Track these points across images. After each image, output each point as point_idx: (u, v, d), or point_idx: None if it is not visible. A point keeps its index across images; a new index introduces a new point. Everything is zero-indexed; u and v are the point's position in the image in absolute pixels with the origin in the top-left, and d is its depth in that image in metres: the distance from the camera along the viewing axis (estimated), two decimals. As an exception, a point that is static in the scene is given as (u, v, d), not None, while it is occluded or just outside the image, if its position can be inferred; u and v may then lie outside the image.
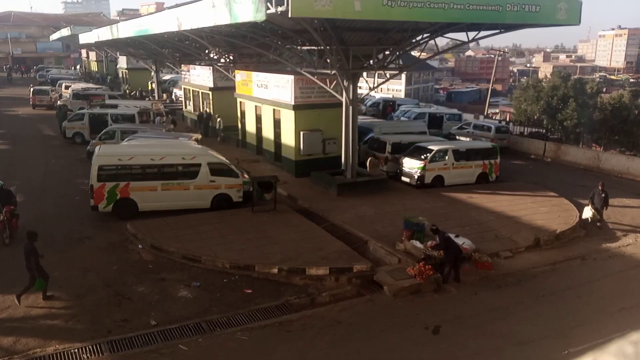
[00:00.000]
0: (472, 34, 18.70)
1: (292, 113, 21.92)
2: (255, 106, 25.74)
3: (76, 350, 10.00)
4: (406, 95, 69.73)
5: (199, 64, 34.24)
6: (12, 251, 14.19)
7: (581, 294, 13.28)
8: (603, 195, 18.06)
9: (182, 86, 39.09)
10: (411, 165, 21.72)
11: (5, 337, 10.38)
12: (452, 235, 14.27)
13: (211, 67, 31.68)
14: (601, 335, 10.72)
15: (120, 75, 58.06)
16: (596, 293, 13.33)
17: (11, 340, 10.30)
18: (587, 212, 18.01)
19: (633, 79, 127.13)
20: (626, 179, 25.08)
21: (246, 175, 18.69)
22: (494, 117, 47.23)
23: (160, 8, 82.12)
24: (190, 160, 17.72)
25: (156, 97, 45.21)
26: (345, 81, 19.49)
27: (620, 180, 24.95)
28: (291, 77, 21.66)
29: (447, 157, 21.70)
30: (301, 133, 21.90)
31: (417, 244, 14.55)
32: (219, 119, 30.55)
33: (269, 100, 23.82)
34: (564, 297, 12.99)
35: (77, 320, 11.14)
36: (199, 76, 33.90)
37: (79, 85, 45.93)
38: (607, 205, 18.27)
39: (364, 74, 20.93)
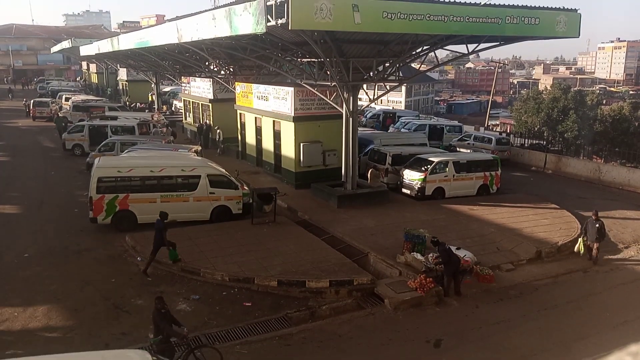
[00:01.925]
0: (472, 46, 18.78)
1: (292, 125, 21.94)
2: (255, 118, 25.77)
3: (73, 364, 9.88)
4: (406, 107, 70.01)
5: (199, 76, 34.37)
6: None
7: (583, 306, 13.17)
8: (597, 225, 15.67)
9: (182, 98, 39.21)
10: (412, 177, 21.68)
11: (3, 350, 10.26)
12: (453, 248, 14.16)
13: (211, 79, 31.79)
14: (603, 349, 10.64)
15: (121, 87, 58.29)
16: (598, 306, 13.22)
17: (9, 353, 10.18)
18: (577, 246, 16.06)
19: (633, 91, 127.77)
20: (627, 191, 25.01)
21: (246, 187, 18.64)
22: (494, 129, 47.39)
23: (160, 20, 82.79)
24: (190, 172, 17.68)
25: (156, 109, 45.30)
26: (345, 93, 19.52)
27: (622, 192, 24.89)
28: (291, 89, 21.70)
29: (447, 169, 21.67)
30: (301, 145, 21.90)
31: (418, 256, 14.45)
32: (218, 131, 30.60)
33: (269, 112, 23.85)
34: (566, 310, 12.87)
35: (75, 333, 11.04)
36: (199, 88, 34.00)
37: (79, 97, 46.07)
38: (602, 238, 15.91)
39: (364, 85, 20.98)
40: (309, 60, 20.67)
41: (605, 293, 14.04)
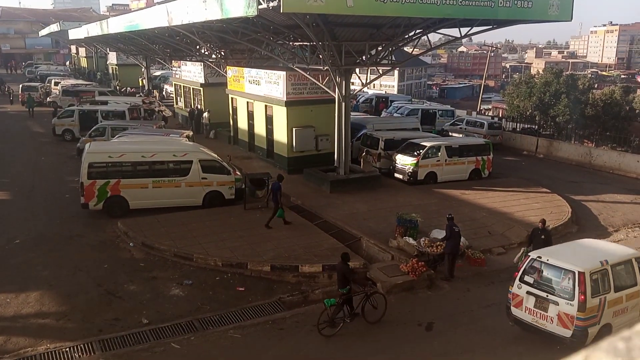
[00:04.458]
0: (464, 30, 18.68)
1: (284, 109, 21.83)
2: (247, 102, 25.62)
3: (67, 349, 9.92)
4: (399, 91, 69.77)
5: (190, 60, 34.05)
6: None
7: (573, 289, 13.29)
8: (543, 237, 13.12)
9: (173, 82, 38.89)
10: (404, 162, 21.70)
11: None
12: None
13: (202, 63, 31.52)
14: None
15: (110, 71, 57.67)
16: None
17: (2, 339, 10.19)
18: (518, 256, 13.49)
19: (624, 75, 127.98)
20: (617, 175, 25.22)
21: (238, 172, 18.59)
22: (486, 113, 47.39)
23: (150, 3, 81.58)
24: (182, 157, 17.60)
25: (142, 94, 44.91)
26: (337, 77, 19.42)
27: (612, 176, 25.09)
28: (283, 73, 21.55)
29: (440, 154, 21.70)
30: (294, 129, 21.82)
31: (410, 240, 14.52)
32: (205, 114, 30.71)
33: (261, 97, 23.71)
34: (556, 293, 12.99)
35: (68, 319, 11.04)
36: (190, 72, 33.71)
37: (69, 82, 45.56)
38: None
39: (357, 70, 20.87)
40: (301, 44, 20.51)
41: (595, 276, 14.16)
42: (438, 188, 20.87)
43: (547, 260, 10.16)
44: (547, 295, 9.98)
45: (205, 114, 30.97)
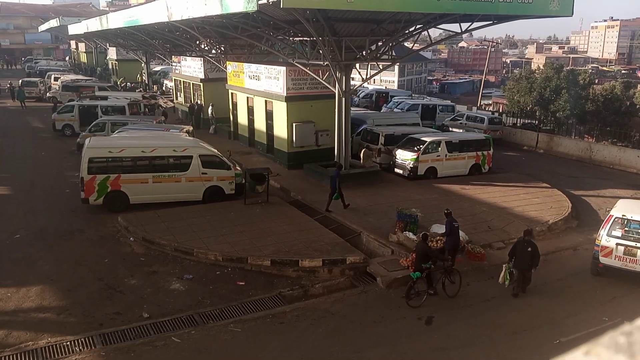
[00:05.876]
0: (465, 25, 18.64)
1: (284, 105, 21.81)
2: (247, 97, 25.60)
3: (68, 343, 9.94)
4: (399, 86, 69.71)
5: (190, 55, 33.99)
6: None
7: (573, 284, 13.35)
8: (530, 249, 12.17)
9: (173, 77, 38.84)
10: (404, 157, 21.70)
11: (-5, 331, 10.30)
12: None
13: (202, 59, 31.47)
14: (593, 325, 10.81)
15: (110, 66, 57.61)
16: (588, 283, 13.39)
17: (3, 333, 10.22)
18: (502, 275, 12.48)
19: (625, 70, 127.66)
20: (618, 170, 25.22)
21: (238, 168, 18.60)
22: (486, 109, 47.35)
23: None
24: (182, 152, 17.60)
25: (141, 89, 44.86)
26: (337, 72, 19.39)
27: (612, 171, 25.10)
28: (283, 69, 21.52)
29: (440, 149, 21.70)
30: (294, 125, 21.81)
31: (410, 235, 14.54)
32: (209, 109, 30.64)
33: (261, 92, 23.68)
34: (556, 287, 13.05)
35: (68, 313, 11.07)
36: (190, 67, 33.66)
37: (69, 77, 45.51)
38: (536, 264, 12.28)
39: (357, 65, 20.84)
40: (301, 39, 20.48)
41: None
42: (438, 183, 20.88)
43: (632, 217, 12.81)
44: (636, 243, 12.45)
45: (210, 109, 30.82)
